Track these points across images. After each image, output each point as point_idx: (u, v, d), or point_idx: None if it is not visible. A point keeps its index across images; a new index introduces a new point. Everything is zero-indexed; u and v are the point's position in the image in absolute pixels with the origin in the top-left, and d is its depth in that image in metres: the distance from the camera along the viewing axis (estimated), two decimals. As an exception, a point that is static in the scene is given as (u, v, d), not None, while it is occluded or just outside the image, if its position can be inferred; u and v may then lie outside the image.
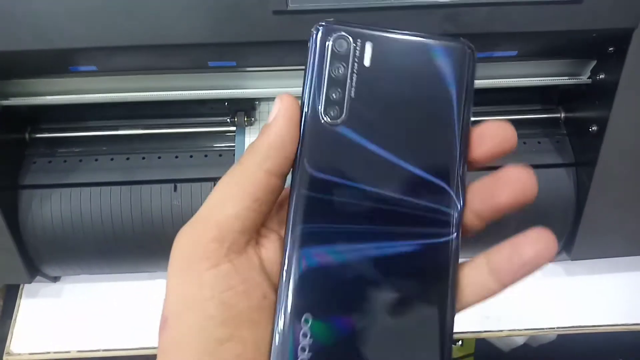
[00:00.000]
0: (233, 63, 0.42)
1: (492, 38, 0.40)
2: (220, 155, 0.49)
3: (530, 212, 0.48)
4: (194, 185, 0.47)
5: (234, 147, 0.49)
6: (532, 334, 0.51)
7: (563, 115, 0.50)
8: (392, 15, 0.38)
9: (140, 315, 0.50)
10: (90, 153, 0.49)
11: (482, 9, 0.38)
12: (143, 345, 0.49)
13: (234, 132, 0.50)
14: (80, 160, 0.48)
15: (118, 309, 0.51)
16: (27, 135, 0.49)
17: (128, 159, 0.48)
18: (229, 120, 0.50)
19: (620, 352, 0.74)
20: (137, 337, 0.49)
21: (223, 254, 0.20)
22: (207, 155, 0.49)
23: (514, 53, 0.43)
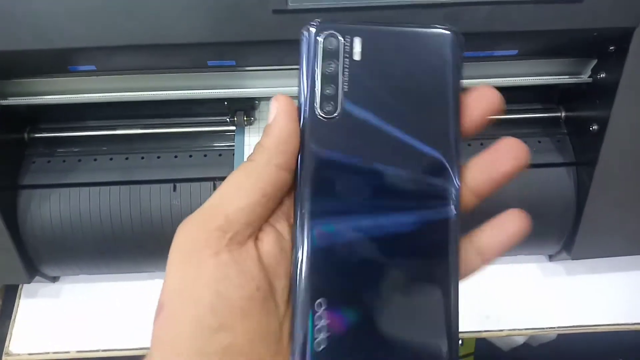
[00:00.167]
0: (233, 62, 0.42)
1: (492, 37, 0.40)
2: (220, 155, 0.48)
3: (531, 211, 0.48)
4: (193, 185, 0.46)
5: (234, 146, 0.49)
6: (532, 334, 0.51)
7: (564, 115, 0.50)
8: (392, 14, 0.38)
9: (140, 316, 0.50)
10: (90, 153, 0.49)
11: (482, 8, 0.38)
12: (142, 346, 0.49)
13: (234, 131, 0.50)
14: (80, 160, 0.48)
15: (117, 309, 0.51)
16: (26, 135, 0.49)
17: (127, 159, 0.48)
18: (229, 120, 0.50)
19: (621, 351, 0.74)
20: (136, 337, 0.49)
21: (224, 244, 0.20)
22: (206, 155, 0.48)
23: (515, 52, 0.43)
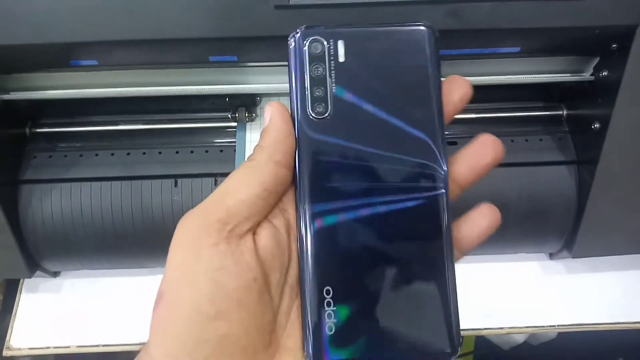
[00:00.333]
0: (234, 58, 0.42)
1: (495, 34, 0.40)
2: (221, 151, 0.48)
3: (532, 209, 0.48)
4: (195, 181, 0.46)
5: (235, 142, 0.49)
6: (532, 332, 0.51)
7: (565, 113, 0.50)
8: (393, 11, 0.38)
9: (140, 311, 0.50)
10: (91, 148, 0.49)
11: (485, 5, 0.38)
12: (143, 341, 0.49)
13: (235, 127, 0.50)
14: (81, 155, 0.48)
15: (118, 305, 0.51)
16: (27, 130, 0.49)
17: (129, 154, 0.48)
18: (230, 116, 0.50)
19: (621, 351, 0.74)
20: (137, 332, 0.49)
21: (224, 236, 0.21)
22: (207, 151, 0.48)
23: (517, 49, 0.43)
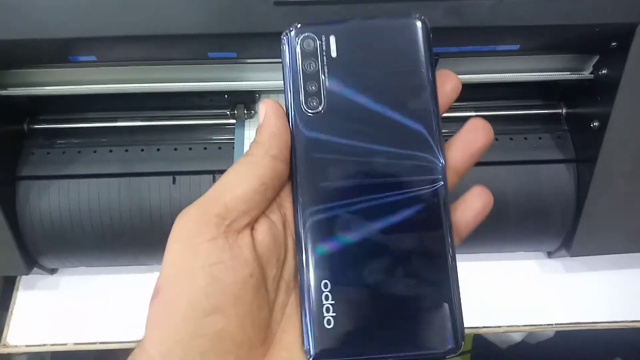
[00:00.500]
0: (233, 54, 0.42)
1: (494, 31, 0.40)
2: (220, 148, 0.48)
3: (531, 207, 0.48)
4: (193, 178, 0.46)
5: (234, 139, 0.49)
6: (530, 330, 0.51)
7: (564, 111, 0.50)
8: (393, 8, 0.38)
9: (138, 309, 0.50)
10: (89, 145, 0.49)
11: (485, 2, 0.38)
12: (140, 339, 0.49)
13: (234, 124, 0.49)
14: (79, 152, 0.48)
15: (115, 302, 0.51)
16: (25, 126, 0.49)
17: (127, 151, 0.48)
18: (229, 113, 0.49)
19: (618, 350, 0.74)
20: (134, 330, 0.49)
21: (222, 230, 0.21)
22: (206, 148, 0.48)
23: (517, 47, 0.43)
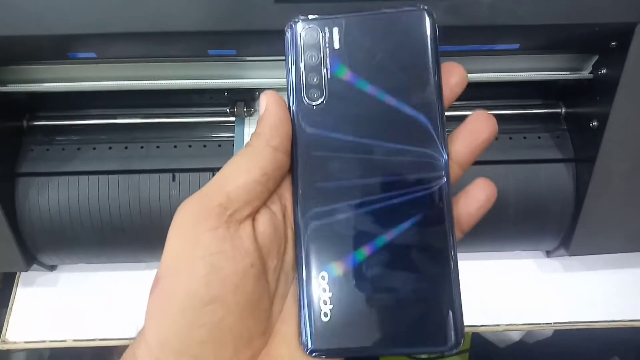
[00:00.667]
0: (233, 52, 0.42)
1: (494, 31, 0.40)
2: (219, 146, 0.48)
3: (530, 206, 0.48)
4: (193, 175, 0.46)
5: (233, 137, 0.49)
6: (529, 329, 0.51)
7: (564, 111, 0.50)
8: (394, 4, 0.38)
9: (137, 305, 0.50)
10: (89, 141, 0.49)
11: (484, 1, 0.37)
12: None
13: (233, 122, 0.49)
14: (79, 149, 0.48)
15: (115, 299, 0.51)
16: (25, 123, 0.49)
17: (126, 148, 0.48)
18: (229, 111, 0.49)
19: (616, 349, 0.74)
20: (133, 327, 0.49)
21: (224, 220, 0.21)
22: (205, 146, 0.48)
23: (516, 46, 0.43)
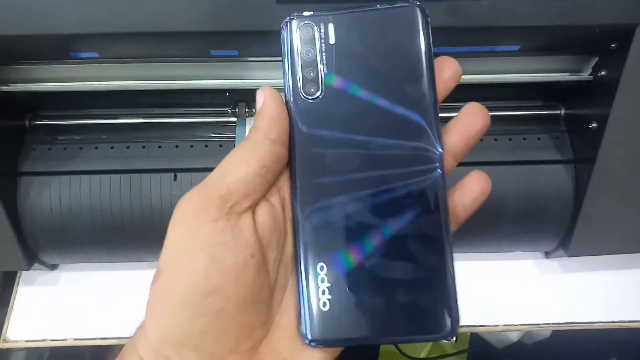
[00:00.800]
0: (235, 52, 0.42)
1: (494, 32, 0.40)
2: (221, 146, 0.48)
3: (529, 207, 0.49)
4: (194, 175, 0.47)
5: (235, 137, 0.49)
6: (527, 329, 0.51)
7: (563, 112, 0.50)
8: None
9: (138, 305, 0.50)
10: (90, 141, 0.49)
11: (484, 2, 0.38)
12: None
13: (235, 122, 0.50)
14: (80, 148, 0.48)
15: (116, 298, 0.51)
16: (27, 122, 0.49)
17: (128, 148, 0.48)
18: (230, 111, 0.50)
19: (615, 350, 0.74)
20: (134, 326, 0.49)
21: (224, 212, 0.21)
22: (207, 146, 0.48)
23: (516, 48, 0.43)
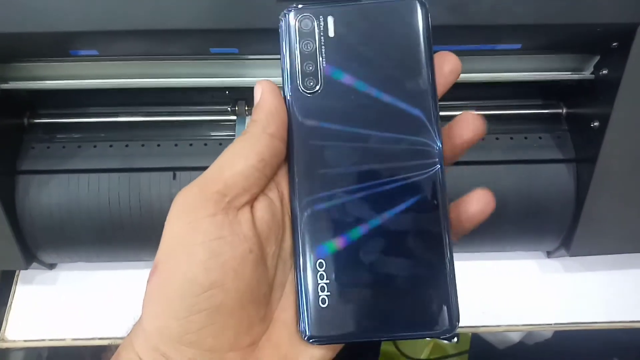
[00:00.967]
0: (235, 50, 0.42)
1: (496, 30, 0.40)
2: (220, 144, 0.48)
3: (531, 207, 0.48)
4: (193, 174, 0.46)
5: (234, 136, 0.49)
6: (529, 330, 0.51)
7: (565, 111, 0.50)
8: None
9: (137, 304, 0.50)
10: (89, 139, 0.48)
11: (486, 0, 0.38)
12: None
13: (235, 121, 0.49)
14: (79, 147, 0.48)
15: (114, 297, 0.51)
16: (25, 121, 0.49)
17: (127, 146, 0.48)
18: (230, 109, 0.49)
19: (616, 350, 0.74)
20: (133, 325, 0.49)
21: (222, 207, 0.21)
22: (206, 144, 0.48)
23: (518, 46, 0.43)
